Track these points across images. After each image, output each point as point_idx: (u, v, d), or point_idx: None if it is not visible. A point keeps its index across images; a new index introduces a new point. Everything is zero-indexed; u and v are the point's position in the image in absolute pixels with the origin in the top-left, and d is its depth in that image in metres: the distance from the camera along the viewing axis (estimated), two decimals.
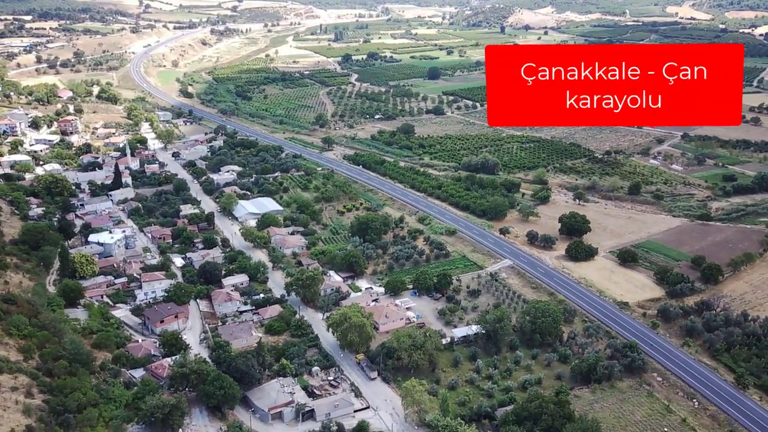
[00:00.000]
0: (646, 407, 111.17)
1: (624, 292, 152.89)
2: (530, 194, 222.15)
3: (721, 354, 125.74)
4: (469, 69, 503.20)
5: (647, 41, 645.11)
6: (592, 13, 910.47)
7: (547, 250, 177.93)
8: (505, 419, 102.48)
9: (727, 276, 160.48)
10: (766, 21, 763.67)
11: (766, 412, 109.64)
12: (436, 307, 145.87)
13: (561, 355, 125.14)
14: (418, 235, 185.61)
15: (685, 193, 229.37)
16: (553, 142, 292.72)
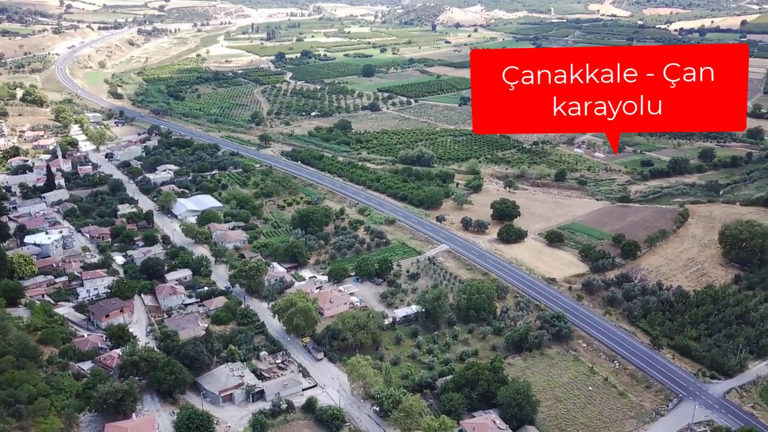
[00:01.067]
0: (572, 370, 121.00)
1: (552, 269, 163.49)
2: (464, 184, 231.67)
3: (639, 320, 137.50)
4: (403, 66, 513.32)
5: (571, 38, 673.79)
6: (519, 11, 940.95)
7: (480, 234, 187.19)
8: (445, 387, 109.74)
9: (645, 251, 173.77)
10: (681, 17, 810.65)
11: (678, 368, 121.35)
12: (378, 291, 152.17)
13: (495, 328, 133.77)
14: (358, 226, 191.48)
15: (606, 178, 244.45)
16: (484, 134, 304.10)
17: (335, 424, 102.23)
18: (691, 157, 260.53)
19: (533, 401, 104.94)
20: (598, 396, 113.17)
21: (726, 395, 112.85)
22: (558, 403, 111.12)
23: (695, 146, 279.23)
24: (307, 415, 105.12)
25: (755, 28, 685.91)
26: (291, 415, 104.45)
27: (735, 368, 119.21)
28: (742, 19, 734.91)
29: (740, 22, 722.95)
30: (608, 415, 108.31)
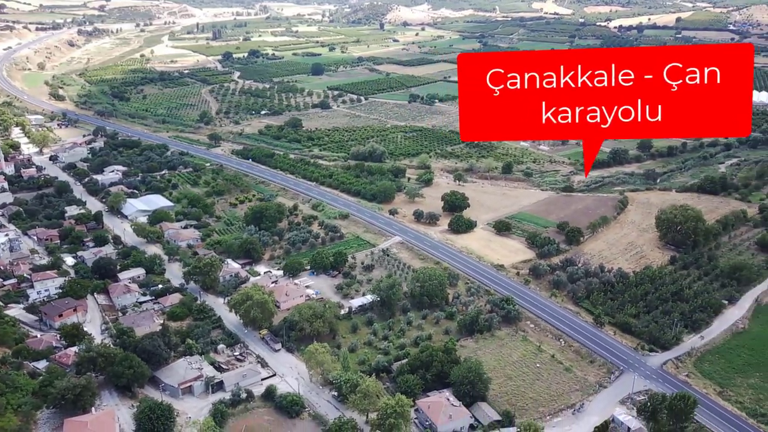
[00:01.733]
0: (521, 349, 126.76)
1: (500, 256, 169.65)
2: (415, 178, 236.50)
3: (583, 300, 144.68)
4: (352, 65, 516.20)
5: (516, 35, 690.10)
6: (465, 10, 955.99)
7: (432, 225, 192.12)
8: (401, 370, 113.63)
9: (587, 237, 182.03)
10: (620, 15, 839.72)
11: (619, 343, 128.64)
12: (333, 283, 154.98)
13: (448, 313, 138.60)
14: (312, 221, 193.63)
15: (551, 169, 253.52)
16: (434, 130, 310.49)
17: (295, 410, 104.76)
18: (630, 147, 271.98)
19: (485, 379, 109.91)
20: (545, 372, 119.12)
21: (663, 366, 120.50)
22: (508, 380, 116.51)
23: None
24: (267, 403, 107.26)
25: (689, 25, 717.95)
26: (251, 404, 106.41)
27: (671, 341, 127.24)
28: (677, 16, 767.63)
29: (675, 19, 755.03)
30: (555, 389, 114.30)
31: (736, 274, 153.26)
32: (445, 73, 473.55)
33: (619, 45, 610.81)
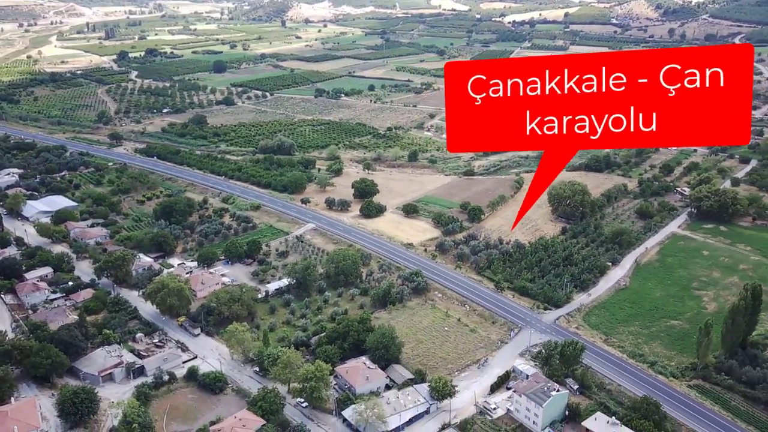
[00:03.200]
0: (430, 316, 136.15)
1: (409, 236, 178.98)
2: (325, 168, 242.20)
3: (484, 270, 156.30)
4: (255, 62, 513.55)
5: (416, 31, 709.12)
6: (367, 7, 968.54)
7: (344, 212, 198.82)
8: (319, 342, 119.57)
9: (488, 215, 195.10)
10: (513, 11, 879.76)
11: (517, 304, 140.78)
12: (249, 271, 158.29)
13: (362, 289, 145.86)
14: (224, 213, 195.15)
15: (453, 156, 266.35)
16: (341, 123, 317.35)
17: (218, 386, 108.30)
18: None
19: (398, 343, 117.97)
20: (453, 334, 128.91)
21: (556, 321, 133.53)
22: (419, 343, 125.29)
23: None
24: (190, 383, 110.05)
25: (576, 20, 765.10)
26: (174, 385, 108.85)
27: (563, 300, 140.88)
28: (565, 12, 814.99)
29: (564, 14, 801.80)
30: (462, 348, 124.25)
31: (618, 239, 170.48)
32: (349, 68, 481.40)
33: (513, 39, 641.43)
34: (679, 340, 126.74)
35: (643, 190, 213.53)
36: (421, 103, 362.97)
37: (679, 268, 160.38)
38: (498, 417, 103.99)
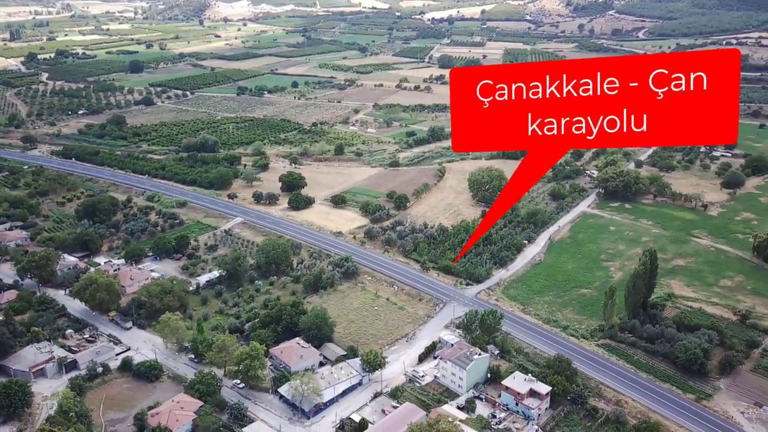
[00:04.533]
0: (361, 298, 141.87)
1: (338, 225, 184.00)
2: (251, 164, 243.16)
3: (411, 253, 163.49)
4: (173, 61, 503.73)
5: (338, 29, 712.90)
6: (287, 5, 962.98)
7: (272, 205, 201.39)
8: (253, 327, 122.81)
9: (413, 202, 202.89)
10: (432, 8, 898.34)
11: (442, 282, 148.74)
12: (178, 265, 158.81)
13: (294, 277, 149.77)
14: (149, 211, 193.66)
15: (379, 149, 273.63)
16: (266, 120, 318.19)
17: (154, 374, 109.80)
18: (446, 125, 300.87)
19: (330, 323, 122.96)
20: (383, 313, 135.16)
21: (477, 295, 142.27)
22: (351, 323, 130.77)
23: (449, 117, 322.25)
24: (125, 373, 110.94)
25: (492, 16, 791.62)
26: (109, 376, 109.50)
27: (483, 276, 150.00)
28: (481, 9, 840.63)
29: (480, 11, 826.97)
30: (391, 325, 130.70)
31: (533, 219, 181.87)
32: (271, 66, 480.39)
33: (433, 36, 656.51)
34: (589, 306, 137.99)
35: (556, 174, 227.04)
36: (345, 98, 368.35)
37: (588, 243, 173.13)
38: (426, 383, 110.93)
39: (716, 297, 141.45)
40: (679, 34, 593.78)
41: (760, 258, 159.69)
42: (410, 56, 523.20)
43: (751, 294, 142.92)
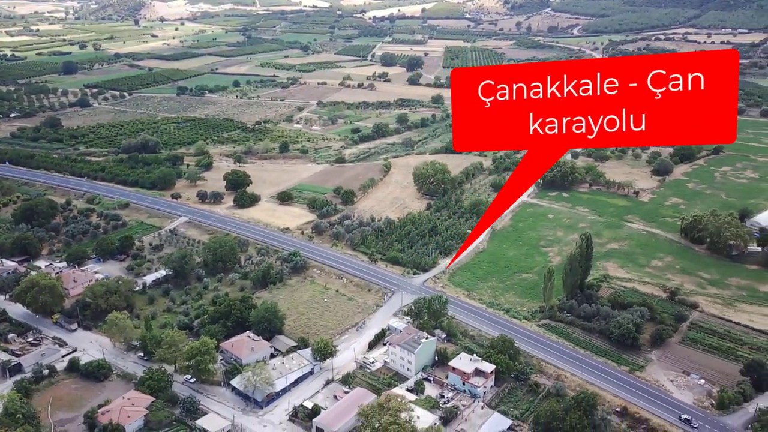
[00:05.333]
0: (310, 291, 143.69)
1: (285, 222, 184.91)
2: (194, 164, 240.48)
3: (359, 246, 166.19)
4: (109, 61, 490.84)
5: (278, 28, 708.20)
6: (225, 4, 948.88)
7: (217, 204, 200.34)
8: (203, 323, 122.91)
9: (360, 197, 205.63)
10: (373, 7, 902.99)
11: (390, 273, 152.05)
12: (123, 266, 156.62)
13: (242, 273, 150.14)
14: (90, 213, 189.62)
15: (324, 146, 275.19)
16: (208, 119, 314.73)
17: (102, 374, 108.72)
18: (390, 122, 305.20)
19: (280, 316, 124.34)
20: (332, 304, 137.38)
21: (424, 283, 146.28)
22: (301, 315, 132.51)
23: (393, 113, 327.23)
24: (72, 374, 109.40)
25: (433, 15, 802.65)
26: (56, 378, 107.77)
27: (429, 264, 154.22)
28: (422, 7, 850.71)
29: (421, 9, 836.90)
30: (341, 315, 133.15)
31: (476, 209, 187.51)
32: (212, 65, 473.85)
33: (375, 34, 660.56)
34: (530, 289, 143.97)
35: (497, 167, 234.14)
36: (288, 97, 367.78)
37: (528, 230, 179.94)
38: (377, 369, 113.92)
39: (648, 277, 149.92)
40: (611, 30, 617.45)
41: (687, 239, 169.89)
42: (353, 54, 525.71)
43: (680, 273, 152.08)
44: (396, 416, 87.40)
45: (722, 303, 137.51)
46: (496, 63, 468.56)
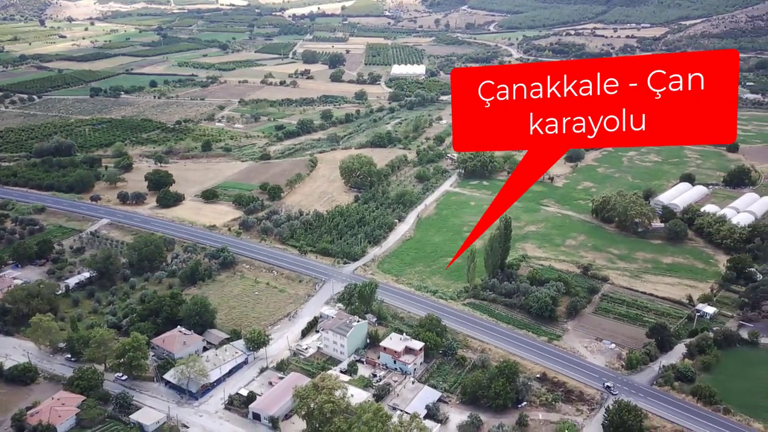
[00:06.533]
0: (240, 285, 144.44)
1: (212, 219, 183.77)
2: (113, 165, 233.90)
3: (288, 239, 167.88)
4: (14, 63, 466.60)
5: (195, 27, 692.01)
6: (137, 3, 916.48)
7: (140, 204, 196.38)
8: (131, 321, 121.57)
9: (287, 192, 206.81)
10: (293, 5, 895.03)
11: (320, 264, 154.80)
12: (43, 270, 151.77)
13: (169, 271, 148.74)
14: (4, 219, 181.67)
15: (248, 143, 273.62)
16: (125, 120, 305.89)
17: (29, 377, 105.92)
18: (315, 118, 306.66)
19: (211, 310, 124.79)
20: (263, 297, 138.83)
21: (354, 272, 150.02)
22: (233, 309, 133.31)
23: (316, 110, 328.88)
24: None
25: (353, 12, 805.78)
26: None
27: (359, 254, 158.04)
28: (342, 5, 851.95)
29: (341, 7, 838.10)
30: (273, 307, 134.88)
31: (402, 199, 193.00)
32: (126, 66, 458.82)
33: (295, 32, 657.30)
34: (455, 272, 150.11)
35: (421, 159, 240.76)
36: (209, 96, 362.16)
37: (452, 217, 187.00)
38: (310, 355, 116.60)
39: (563, 255, 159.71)
40: (525, 26, 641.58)
41: (598, 219, 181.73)
42: (273, 52, 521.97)
43: (592, 250, 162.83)
44: (330, 394, 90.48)
45: (630, 275, 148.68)
46: (417, 60, 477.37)
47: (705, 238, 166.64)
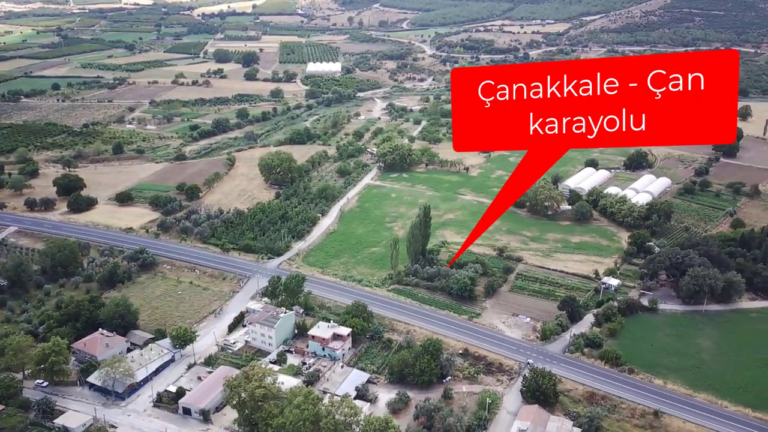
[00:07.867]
0: (162, 286, 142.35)
1: (128, 222, 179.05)
2: (17, 172, 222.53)
3: (209, 238, 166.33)
4: None
5: (98, 27, 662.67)
6: (33, 3, 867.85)
7: (49, 211, 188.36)
8: (48, 328, 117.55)
9: (205, 192, 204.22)
10: (202, 3, 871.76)
11: (244, 260, 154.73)
12: None
13: (86, 276, 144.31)
14: None
15: (162, 144, 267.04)
16: (27, 125, 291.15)
17: None
18: (230, 117, 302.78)
19: (133, 311, 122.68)
20: (187, 296, 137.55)
21: (279, 266, 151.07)
22: (156, 310, 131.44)
23: (232, 108, 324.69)
24: None
25: (265, 11, 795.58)
26: None
27: (283, 249, 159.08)
28: (253, 3, 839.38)
29: (252, 6, 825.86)
30: (198, 304, 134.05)
31: (324, 194, 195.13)
32: (24, 68, 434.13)
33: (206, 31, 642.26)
34: (379, 260, 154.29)
35: (341, 154, 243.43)
36: (117, 97, 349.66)
37: (374, 209, 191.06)
38: (238, 349, 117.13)
39: (480, 239, 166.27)
40: (437, 24, 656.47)
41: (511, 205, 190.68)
42: (184, 52, 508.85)
43: (506, 233, 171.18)
44: (261, 381, 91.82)
45: (542, 255, 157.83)
46: (332, 57, 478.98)
47: (608, 217, 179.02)
